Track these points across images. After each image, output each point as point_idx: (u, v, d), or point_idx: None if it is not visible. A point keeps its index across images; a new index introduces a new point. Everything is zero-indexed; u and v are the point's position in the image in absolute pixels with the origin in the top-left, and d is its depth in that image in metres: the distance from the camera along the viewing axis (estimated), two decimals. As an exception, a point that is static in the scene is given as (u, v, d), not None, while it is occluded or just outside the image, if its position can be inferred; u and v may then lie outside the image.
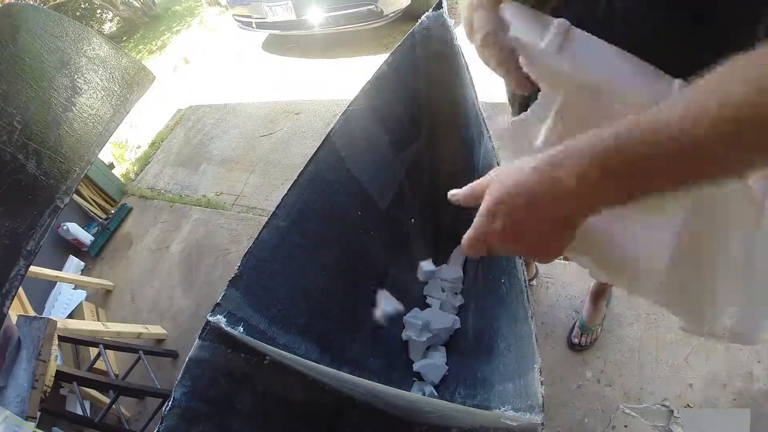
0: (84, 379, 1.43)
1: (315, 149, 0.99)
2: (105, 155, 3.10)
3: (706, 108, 0.30)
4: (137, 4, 5.54)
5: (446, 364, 1.13)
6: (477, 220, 0.42)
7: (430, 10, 1.10)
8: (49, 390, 1.16)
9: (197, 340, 0.77)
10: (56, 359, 1.23)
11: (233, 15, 3.49)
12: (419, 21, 1.10)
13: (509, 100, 0.90)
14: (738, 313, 0.43)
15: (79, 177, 1.21)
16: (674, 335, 1.34)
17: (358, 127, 1.07)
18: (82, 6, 5.72)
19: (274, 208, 0.92)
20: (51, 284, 2.19)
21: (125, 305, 2.18)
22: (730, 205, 0.40)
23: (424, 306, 1.22)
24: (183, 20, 5.23)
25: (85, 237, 2.47)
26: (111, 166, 3.07)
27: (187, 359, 0.75)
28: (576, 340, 1.37)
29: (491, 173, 0.42)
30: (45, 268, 2.01)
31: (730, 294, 0.43)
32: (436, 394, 1.05)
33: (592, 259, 0.52)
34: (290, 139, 2.69)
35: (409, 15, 2.99)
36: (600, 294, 1.33)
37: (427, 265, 1.23)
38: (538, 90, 0.49)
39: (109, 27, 6.06)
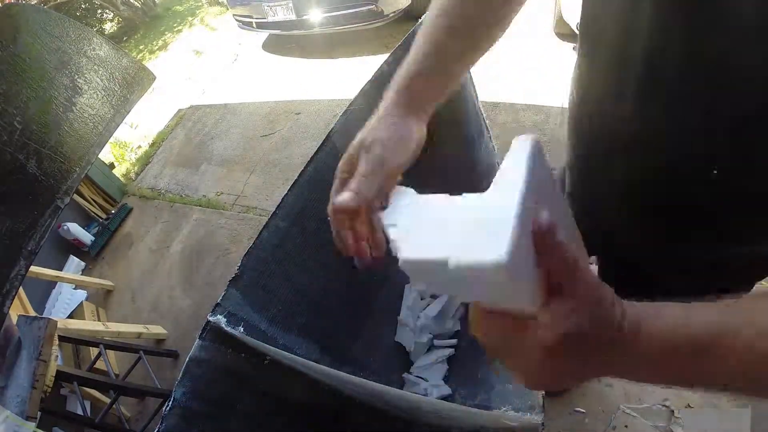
0: (84, 379, 1.43)
1: (315, 149, 0.99)
2: (105, 155, 3.10)
3: None
4: (138, 4, 5.53)
5: (447, 363, 1.13)
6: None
7: (431, 9, 1.09)
8: (49, 390, 1.16)
9: (197, 340, 0.77)
10: (56, 359, 1.23)
11: (234, 15, 3.49)
12: (419, 21, 1.10)
13: None
14: None
15: (80, 177, 1.21)
16: (675, 335, 1.33)
17: (358, 128, 1.07)
18: (83, 6, 5.72)
19: (274, 208, 0.92)
20: (51, 284, 2.19)
21: (126, 305, 2.18)
22: None
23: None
24: (184, 20, 5.23)
25: (86, 237, 2.47)
26: (111, 166, 3.08)
27: (187, 359, 0.75)
28: None
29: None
30: (45, 268, 2.01)
31: None
32: (443, 393, 1.05)
33: None
34: (290, 139, 2.69)
35: (409, 15, 2.99)
36: None
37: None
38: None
39: (109, 27, 6.06)
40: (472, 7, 0.44)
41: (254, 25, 3.37)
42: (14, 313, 1.38)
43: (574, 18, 2.35)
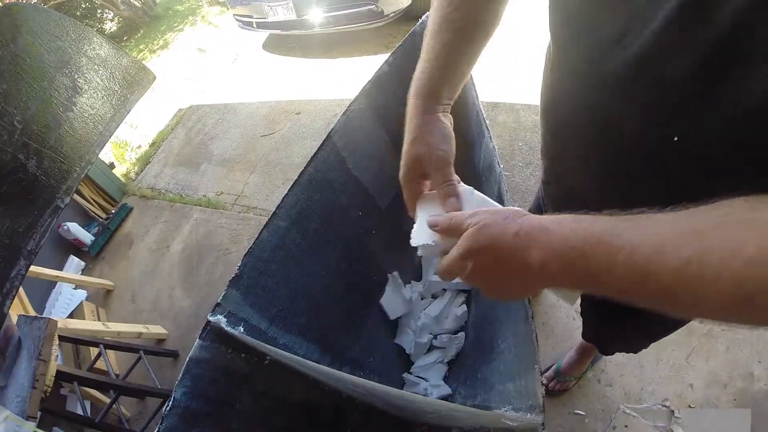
0: (84, 379, 1.43)
1: (315, 149, 0.99)
2: (106, 155, 3.10)
3: (690, 263, 0.28)
4: (138, 4, 5.53)
5: (446, 363, 1.13)
6: (452, 257, 0.44)
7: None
8: (49, 390, 1.16)
9: (197, 340, 0.77)
10: (57, 359, 1.23)
11: (234, 15, 3.49)
12: (420, 21, 1.10)
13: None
14: None
15: (80, 177, 1.21)
16: (675, 335, 1.33)
17: (358, 127, 1.07)
18: (83, 6, 5.72)
19: (274, 208, 0.92)
20: (51, 284, 2.19)
21: (126, 305, 2.18)
22: None
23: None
24: (184, 20, 5.23)
25: (86, 237, 2.47)
26: (111, 165, 3.08)
27: (187, 359, 0.75)
28: (545, 382, 1.31)
29: (473, 218, 0.43)
30: (45, 267, 2.01)
31: None
32: (443, 393, 1.05)
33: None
34: (291, 139, 2.69)
35: (409, 15, 2.99)
36: (588, 349, 1.25)
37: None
38: None
39: (109, 27, 6.05)
40: (465, 7, 0.52)
41: (254, 25, 3.37)
42: (14, 313, 1.38)
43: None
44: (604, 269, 0.33)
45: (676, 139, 0.42)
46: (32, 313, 1.72)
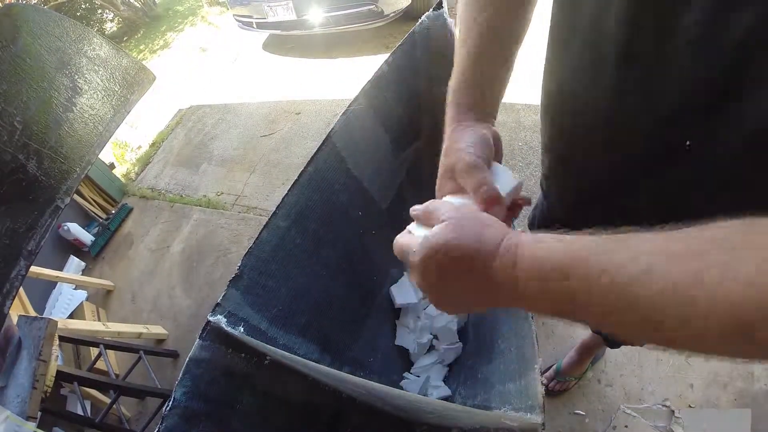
0: (85, 379, 1.43)
1: (315, 149, 0.99)
2: (106, 155, 3.10)
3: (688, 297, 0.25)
4: (138, 5, 5.53)
5: (446, 364, 1.13)
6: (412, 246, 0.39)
7: (431, 9, 1.10)
8: (49, 390, 1.16)
9: (198, 340, 0.77)
10: (57, 359, 1.23)
11: (234, 15, 3.49)
12: (419, 21, 1.10)
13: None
14: None
15: (80, 177, 1.21)
16: (675, 335, 1.33)
17: (358, 127, 1.07)
18: (83, 6, 5.72)
19: (274, 208, 0.92)
20: (52, 284, 2.19)
21: (126, 305, 2.18)
22: None
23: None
24: (184, 20, 5.23)
25: (86, 237, 2.47)
26: (112, 166, 3.08)
27: (187, 359, 0.75)
28: (545, 382, 1.30)
29: (451, 213, 0.39)
30: (46, 268, 2.01)
31: None
32: (443, 394, 1.05)
33: None
34: (290, 139, 2.70)
35: (409, 15, 2.99)
36: (588, 349, 1.26)
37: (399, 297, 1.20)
38: None
39: (109, 27, 6.05)
40: (490, 16, 0.49)
41: (254, 25, 3.37)
42: (14, 313, 1.38)
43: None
44: (583, 290, 0.30)
45: (688, 144, 0.42)
46: (32, 313, 1.72)
